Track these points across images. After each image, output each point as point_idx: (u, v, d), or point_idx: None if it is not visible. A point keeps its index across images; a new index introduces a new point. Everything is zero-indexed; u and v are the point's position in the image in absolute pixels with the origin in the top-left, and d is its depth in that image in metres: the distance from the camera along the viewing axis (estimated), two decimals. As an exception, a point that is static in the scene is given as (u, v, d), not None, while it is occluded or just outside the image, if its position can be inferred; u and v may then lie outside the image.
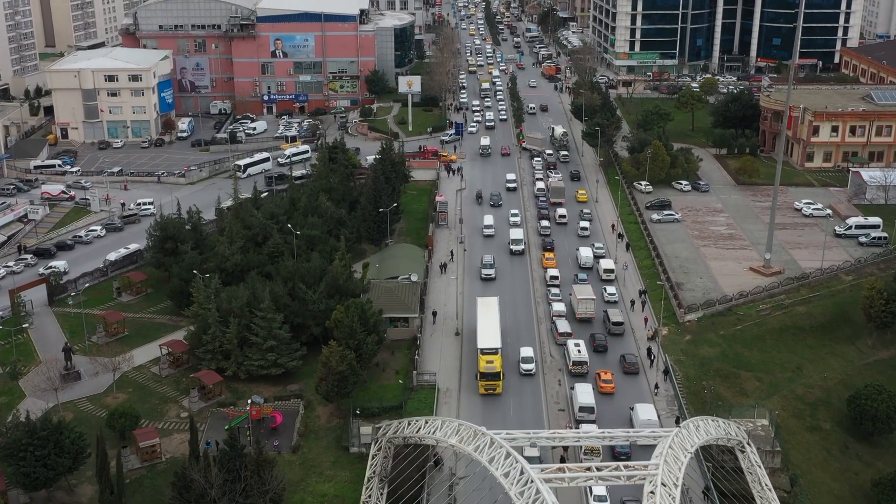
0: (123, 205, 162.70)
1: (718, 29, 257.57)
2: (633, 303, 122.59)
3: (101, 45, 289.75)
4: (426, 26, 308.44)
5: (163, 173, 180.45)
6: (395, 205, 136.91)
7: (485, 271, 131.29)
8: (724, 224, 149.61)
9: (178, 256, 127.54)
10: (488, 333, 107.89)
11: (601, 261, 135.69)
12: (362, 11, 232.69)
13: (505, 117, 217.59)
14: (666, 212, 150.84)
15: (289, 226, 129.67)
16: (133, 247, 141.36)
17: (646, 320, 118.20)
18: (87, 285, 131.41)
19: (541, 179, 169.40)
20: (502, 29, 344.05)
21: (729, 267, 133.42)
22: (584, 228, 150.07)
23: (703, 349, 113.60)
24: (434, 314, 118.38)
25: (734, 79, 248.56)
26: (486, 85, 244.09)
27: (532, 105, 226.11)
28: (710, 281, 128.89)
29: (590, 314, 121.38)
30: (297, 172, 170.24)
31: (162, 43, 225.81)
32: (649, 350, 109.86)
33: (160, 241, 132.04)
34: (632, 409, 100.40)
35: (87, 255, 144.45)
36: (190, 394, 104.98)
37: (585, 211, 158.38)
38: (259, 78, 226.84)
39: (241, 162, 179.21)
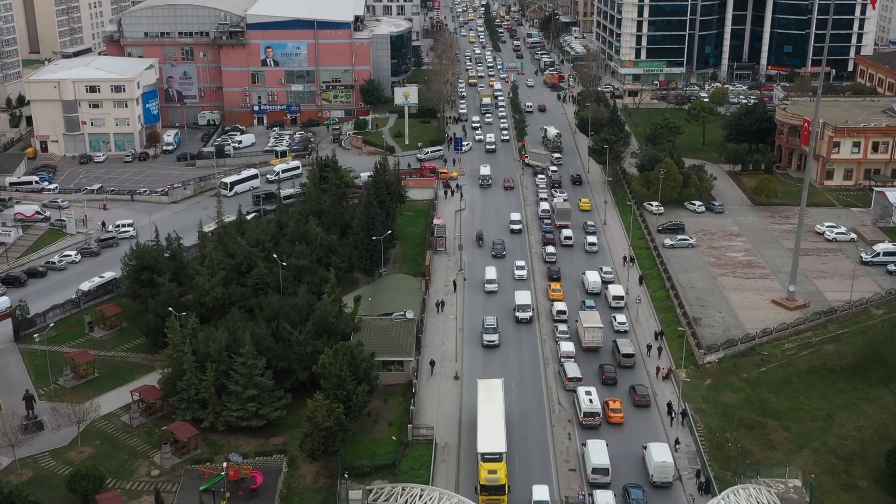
0: (104, 225, 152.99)
1: (727, 35, 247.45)
2: (649, 347, 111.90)
3: (88, 51, 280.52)
4: (424, 31, 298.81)
5: (145, 191, 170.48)
6: (390, 232, 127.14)
7: (487, 337, 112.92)
8: (742, 250, 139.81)
9: (155, 288, 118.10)
10: (491, 432, 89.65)
11: (610, 287, 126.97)
12: (357, 18, 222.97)
13: (507, 137, 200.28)
14: (680, 236, 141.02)
15: (274, 256, 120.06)
16: (108, 275, 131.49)
17: (658, 369, 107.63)
18: (57, 319, 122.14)
19: (545, 199, 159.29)
20: (502, 32, 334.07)
21: (749, 299, 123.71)
22: (592, 244, 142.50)
23: (725, 395, 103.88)
24: (432, 364, 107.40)
25: (744, 87, 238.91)
26: (486, 100, 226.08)
27: (529, 104, 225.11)
28: (729, 315, 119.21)
29: (596, 343, 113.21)
30: (285, 191, 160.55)
31: (147, 51, 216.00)
32: (669, 406, 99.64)
33: (136, 271, 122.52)
34: (644, 448, 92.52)
35: (60, 283, 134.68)
36: (162, 448, 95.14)
37: (590, 223, 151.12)
38: (249, 87, 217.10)
39: (228, 179, 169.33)
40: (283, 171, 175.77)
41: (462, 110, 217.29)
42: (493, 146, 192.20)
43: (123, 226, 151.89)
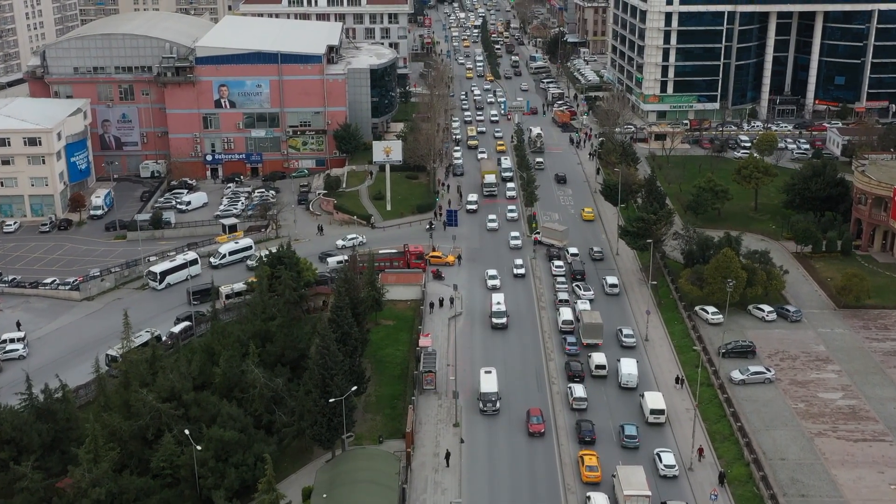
0: (18, 326, 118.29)
1: (769, 65, 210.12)
2: None
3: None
4: (412, 55, 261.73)
5: (53, 281, 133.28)
6: (355, 388, 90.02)
7: None
8: (839, 386, 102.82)
9: (16, 478, 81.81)
10: None
11: (646, 396, 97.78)
12: (330, 49, 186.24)
13: (523, 269, 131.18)
14: (753, 369, 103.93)
15: (187, 433, 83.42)
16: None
17: None
18: None
19: (565, 302, 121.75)
20: (499, 48, 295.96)
21: (866, 482, 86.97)
22: (613, 285, 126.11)
23: None
24: None
25: (790, 127, 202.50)
26: (490, 178, 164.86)
27: (521, 100, 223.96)
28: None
29: (641, 518, 79.57)
30: (227, 288, 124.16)
31: (78, 90, 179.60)
32: None
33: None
34: None
35: None
36: None
37: (596, 249, 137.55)
38: (200, 133, 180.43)
39: (157, 269, 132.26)
40: (231, 253, 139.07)
41: (457, 160, 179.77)
42: (504, 321, 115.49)
43: (11, 341, 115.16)
